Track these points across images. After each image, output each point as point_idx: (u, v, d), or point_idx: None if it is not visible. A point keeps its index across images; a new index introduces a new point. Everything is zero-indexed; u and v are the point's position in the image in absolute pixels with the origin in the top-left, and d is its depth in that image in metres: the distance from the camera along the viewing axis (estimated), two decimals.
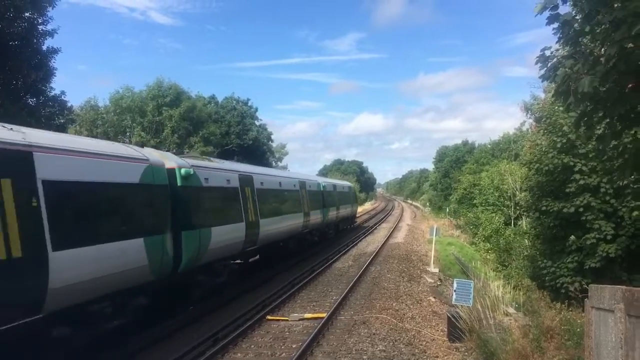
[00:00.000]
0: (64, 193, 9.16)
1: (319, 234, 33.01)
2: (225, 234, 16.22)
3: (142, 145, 16.94)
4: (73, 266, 9.14)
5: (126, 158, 11.51)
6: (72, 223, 9.32)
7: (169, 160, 13.73)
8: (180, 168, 13.75)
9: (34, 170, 8.51)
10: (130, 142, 43.56)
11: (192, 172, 14.16)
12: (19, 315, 8.02)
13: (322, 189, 33.69)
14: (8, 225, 7.74)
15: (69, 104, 26.12)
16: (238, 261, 19.35)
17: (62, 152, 9.39)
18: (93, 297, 10.12)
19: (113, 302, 11.01)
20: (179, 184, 13.52)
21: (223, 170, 17.37)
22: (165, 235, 12.43)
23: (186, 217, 13.57)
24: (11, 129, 8.67)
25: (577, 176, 19.12)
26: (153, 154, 13.18)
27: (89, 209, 9.98)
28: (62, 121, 25.48)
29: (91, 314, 10.37)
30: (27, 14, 22.66)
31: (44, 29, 23.51)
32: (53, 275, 8.58)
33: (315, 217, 30.10)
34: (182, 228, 13.23)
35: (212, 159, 20.43)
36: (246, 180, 18.87)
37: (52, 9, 23.58)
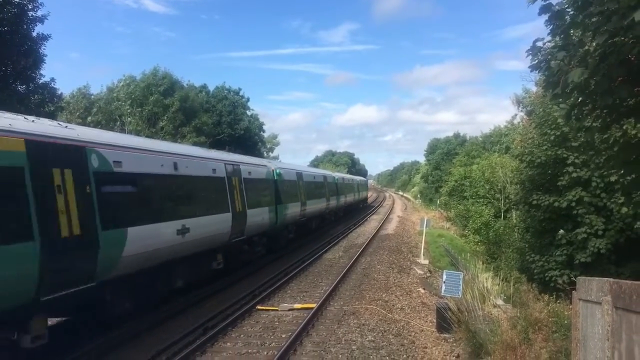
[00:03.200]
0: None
1: (356, 204, 61.24)
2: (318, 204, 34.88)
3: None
4: None
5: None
6: None
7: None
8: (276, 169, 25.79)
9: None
10: (125, 131, 43.33)
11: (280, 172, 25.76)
12: None
13: (357, 182, 63.55)
14: None
15: (59, 91, 25.93)
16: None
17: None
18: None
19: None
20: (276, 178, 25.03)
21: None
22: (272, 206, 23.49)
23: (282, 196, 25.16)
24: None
25: (570, 169, 19.20)
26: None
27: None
28: (52, 109, 25.26)
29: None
30: (17, 0, 22.42)
31: (33, 15, 23.28)
32: None
33: (356, 195, 59.21)
34: (279, 202, 24.39)
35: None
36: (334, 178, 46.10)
37: None
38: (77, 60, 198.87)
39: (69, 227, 9.52)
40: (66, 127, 10.88)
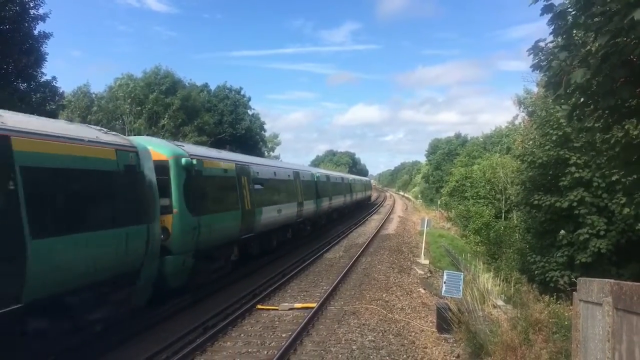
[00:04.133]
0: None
1: (363, 200, 71.79)
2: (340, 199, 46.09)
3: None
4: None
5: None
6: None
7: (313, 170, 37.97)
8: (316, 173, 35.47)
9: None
10: (125, 130, 43.28)
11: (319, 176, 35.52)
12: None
13: (364, 183, 76.89)
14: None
15: (60, 90, 25.93)
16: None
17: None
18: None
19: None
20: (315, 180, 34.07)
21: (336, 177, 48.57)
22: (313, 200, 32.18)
23: (319, 192, 33.97)
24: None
25: (572, 169, 19.18)
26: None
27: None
28: (53, 107, 25.27)
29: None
30: None
31: (35, 13, 23.30)
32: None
33: (363, 193, 71.47)
34: (318, 196, 33.47)
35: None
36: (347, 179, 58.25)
37: None
38: (79, 58, 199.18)
39: (247, 205, 19.07)
40: (236, 155, 22.77)
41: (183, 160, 14.69)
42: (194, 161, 15.18)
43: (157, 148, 14.28)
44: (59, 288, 9.16)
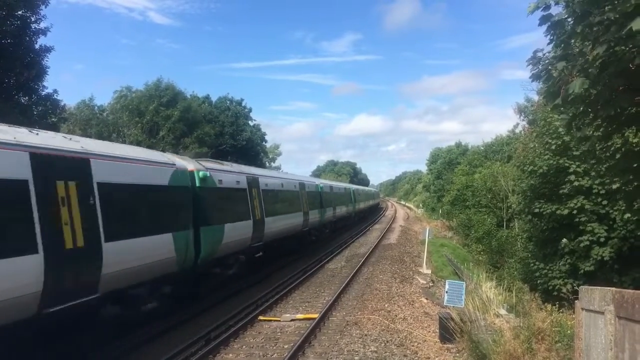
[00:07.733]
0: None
1: (376, 205, 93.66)
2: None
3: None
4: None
5: None
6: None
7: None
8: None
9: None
10: (125, 142, 43.38)
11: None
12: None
13: (377, 192, 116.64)
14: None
15: (62, 103, 25.99)
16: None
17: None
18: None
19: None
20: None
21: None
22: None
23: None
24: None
25: (572, 177, 19.22)
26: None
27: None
28: (54, 120, 25.34)
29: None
30: (19, 12, 22.56)
31: (36, 27, 23.42)
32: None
33: (376, 200, 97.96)
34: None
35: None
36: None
37: (45, 7, 23.51)
38: (83, 71, 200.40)
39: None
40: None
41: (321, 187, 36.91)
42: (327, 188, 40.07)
43: (341, 180, 34.51)
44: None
